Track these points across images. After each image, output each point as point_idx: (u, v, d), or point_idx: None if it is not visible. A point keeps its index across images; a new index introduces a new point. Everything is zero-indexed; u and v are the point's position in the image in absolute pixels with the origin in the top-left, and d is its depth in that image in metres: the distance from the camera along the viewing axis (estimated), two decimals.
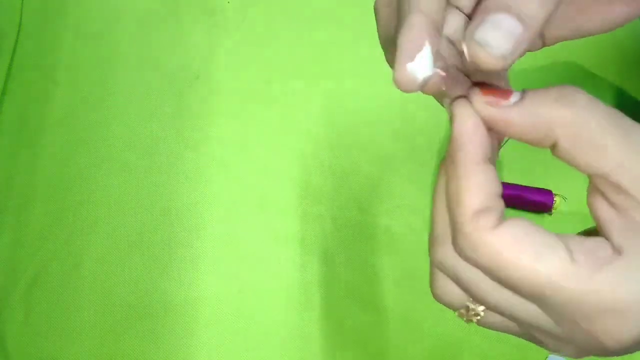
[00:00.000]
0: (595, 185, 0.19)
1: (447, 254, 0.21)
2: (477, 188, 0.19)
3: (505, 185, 0.45)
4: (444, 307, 0.23)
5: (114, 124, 0.49)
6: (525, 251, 0.18)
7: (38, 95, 0.51)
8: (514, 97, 0.19)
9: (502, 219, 0.19)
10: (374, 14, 0.25)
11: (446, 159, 0.21)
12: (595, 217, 0.19)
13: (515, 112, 0.19)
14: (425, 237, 0.23)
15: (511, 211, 0.46)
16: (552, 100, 0.19)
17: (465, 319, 0.22)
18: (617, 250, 0.18)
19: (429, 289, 0.23)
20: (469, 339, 0.42)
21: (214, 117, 0.50)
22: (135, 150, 0.48)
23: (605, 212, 0.19)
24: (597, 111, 0.18)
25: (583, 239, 0.19)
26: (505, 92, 0.20)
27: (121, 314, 0.43)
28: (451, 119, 0.20)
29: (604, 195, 0.19)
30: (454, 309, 0.22)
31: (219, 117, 0.50)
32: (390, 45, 0.23)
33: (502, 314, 0.21)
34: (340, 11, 0.55)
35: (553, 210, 0.45)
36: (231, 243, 0.45)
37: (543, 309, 0.19)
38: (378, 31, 0.24)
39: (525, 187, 0.45)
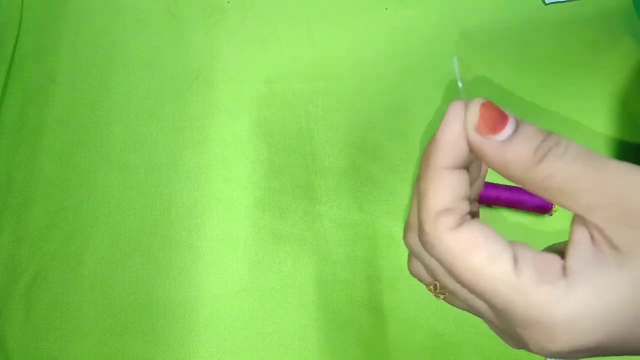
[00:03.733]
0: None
1: (416, 241, 0.22)
2: (442, 190, 0.20)
3: (506, 188, 0.45)
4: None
5: (114, 124, 0.49)
6: (474, 255, 0.19)
7: (38, 95, 0.51)
8: (505, 132, 0.20)
9: (462, 221, 0.20)
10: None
11: (423, 156, 0.22)
12: (570, 233, 0.20)
13: (493, 150, 0.20)
14: None
15: (512, 213, 0.46)
16: (529, 153, 0.19)
17: (434, 294, 0.24)
18: (565, 272, 0.19)
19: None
20: (469, 339, 0.42)
21: (214, 117, 0.50)
22: (135, 150, 0.48)
23: (580, 234, 0.19)
24: (571, 160, 0.19)
25: (534, 252, 0.19)
26: (499, 122, 0.20)
27: (121, 314, 0.43)
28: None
29: (584, 224, 0.19)
30: (425, 284, 0.24)
31: (219, 117, 0.50)
32: None
33: (458, 299, 0.22)
34: (340, 11, 0.55)
35: (553, 212, 0.45)
36: (231, 243, 0.45)
37: (487, 305, 0.20)
38: None
39: (526, 190, 0.45)
